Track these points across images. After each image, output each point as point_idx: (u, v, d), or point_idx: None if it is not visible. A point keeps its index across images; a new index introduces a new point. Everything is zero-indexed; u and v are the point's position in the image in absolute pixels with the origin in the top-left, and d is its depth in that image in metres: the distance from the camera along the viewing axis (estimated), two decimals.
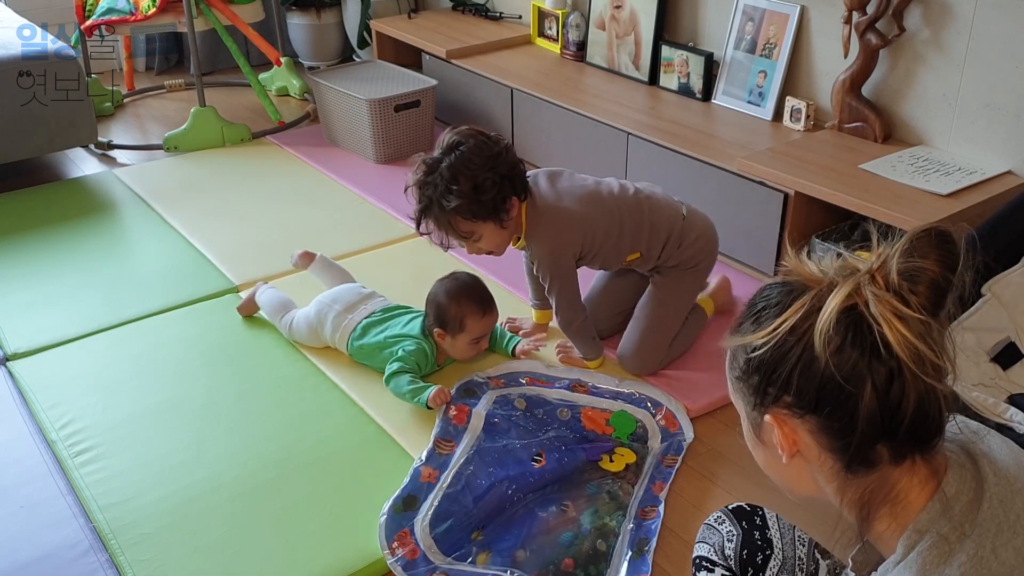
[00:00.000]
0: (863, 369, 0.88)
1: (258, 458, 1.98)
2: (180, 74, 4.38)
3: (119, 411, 2.12)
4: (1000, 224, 2.01)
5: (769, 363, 0.93)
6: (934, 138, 2.57)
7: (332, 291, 2.35)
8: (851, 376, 0.88)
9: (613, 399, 2.12)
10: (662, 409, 2.08)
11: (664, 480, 1.90)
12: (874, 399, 0.88)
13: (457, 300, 2.13)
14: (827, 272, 0.93)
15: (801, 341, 0.90)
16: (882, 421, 0.89)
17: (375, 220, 2.99)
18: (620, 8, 3.25)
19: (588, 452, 1.95)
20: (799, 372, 0.91)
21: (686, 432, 2.02)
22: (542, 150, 3.25)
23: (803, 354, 0.90)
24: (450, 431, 1.97)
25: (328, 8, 4.31)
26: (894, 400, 0.88)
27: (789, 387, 0.92)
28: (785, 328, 0.91)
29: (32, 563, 1.72)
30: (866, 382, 0.88)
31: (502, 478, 1.84)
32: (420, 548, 1.71)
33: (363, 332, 2.22)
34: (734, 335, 0.99)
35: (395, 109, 3.31)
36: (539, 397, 2.11)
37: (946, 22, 2.43)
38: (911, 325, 0.87)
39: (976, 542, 0.87)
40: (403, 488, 1.82)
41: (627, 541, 1.75)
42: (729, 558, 1.34)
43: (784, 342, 0.91)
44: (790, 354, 0.91)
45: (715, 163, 2.63)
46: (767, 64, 2.86)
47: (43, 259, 2.76)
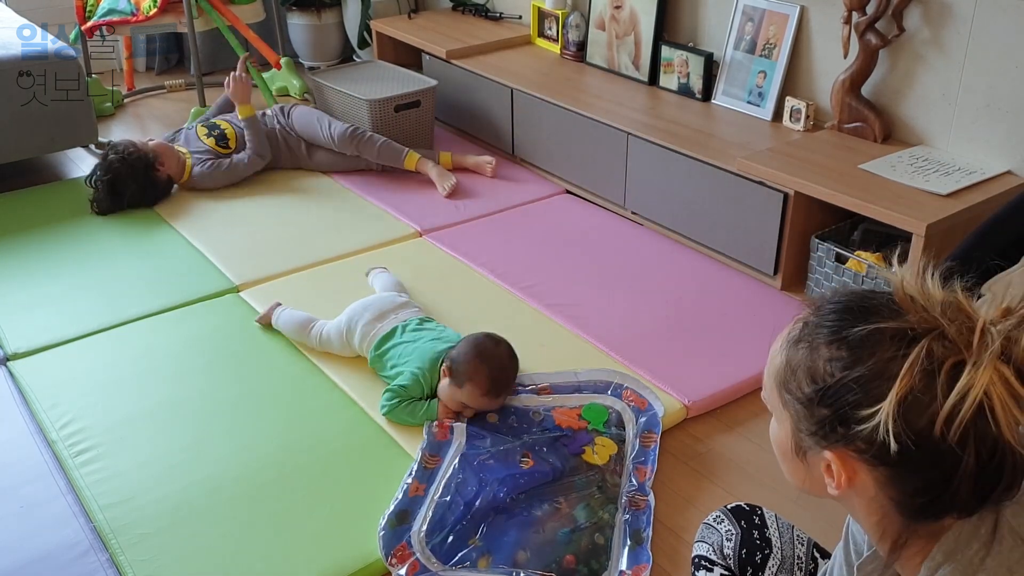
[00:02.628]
0: (968, 437, 0.82)
1: (258, 458, 1.98)
2: (180, 74, 4.38)
3: (119, 411, 2.12)
4: (1000, 224, 2.01)
5: (852, 405, 0.85)
6: (934, 138, 2.57)
7: (366, 299, 2.33)
8: (957, 443, 0.82)
9: (577, 392, 2.14)
10: (627, 391, 2.10)
11: (645, 464, 1.92)
12: (975, 468, 0.83)
13: (476, 363, 2.02)
14: (934, 307, 0.86)
15: (906, 401, 0.83)
16: (975, 489, 0.84)
17: (375, 220, 2.99)
18: (620, 8, 3.25)
19: (570, 446, 1.96)
20: (892, 429, 0.83)
21: (656, 407, 2.05)
22: (542, 150, 3.25)
23: (902, 412, 0.83)
24: (435, 446, 1.98)
25: (328, 8, 4.31)
26: (993, 469, 0.84)
27: (872, 438, 0.84)
28: (901, 398, 0.82)
29: (32, 563, 1.72)
30: (968, 451, 0.82)
31: (492, 481, 1.84)
32: (420, 561, 1.71)
33: (381, 344, 2.19)
34: (798, 346, 0.91)
35: (395, 109, 3.31)
36: (509, 406, 2.10)
37: (946, 22, 2.43)
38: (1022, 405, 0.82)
39: (997, 560, 0.87)
40: (396, 504, 1.82)
41: (622, 533, 1.76)
42: (728, 557, 1.34)
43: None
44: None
45: (715, 163, 2.63)
46: (767, 64, 2.86)
47: (43, 259, 2.76)
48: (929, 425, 0.83)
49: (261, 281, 2.64)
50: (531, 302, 2.53)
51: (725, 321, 2.44)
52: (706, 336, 2.37)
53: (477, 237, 2.87)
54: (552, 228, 2.94)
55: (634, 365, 2.24)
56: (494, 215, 3.03)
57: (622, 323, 2.43)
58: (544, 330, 2.40)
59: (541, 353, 2.28)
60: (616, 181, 2.97)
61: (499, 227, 2.95)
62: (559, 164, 3.21)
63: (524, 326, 2.39)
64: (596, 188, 3.08)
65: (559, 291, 2.58)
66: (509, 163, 3.38)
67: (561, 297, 2.55)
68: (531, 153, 3.31)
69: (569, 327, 2.42)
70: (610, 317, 2.46)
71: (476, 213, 3.03)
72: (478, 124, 3.52)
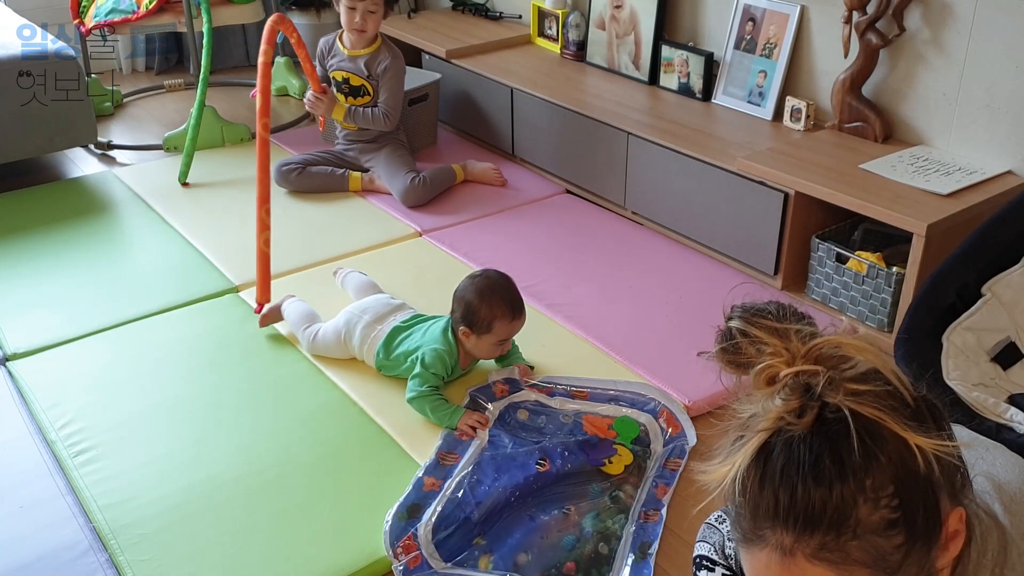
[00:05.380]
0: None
1: (258, 458, 1.98)
2: (180, 74, 4.37)
3: (119, 411, 2.12)
4: (1000, 224, 2.01)
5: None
6: (934, 138, 2.56)
7: (362, 302, 2.33)
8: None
9: (614, 403, 2.11)
10: (664, 412, 2.07)
11: (667, 483, 1.90)
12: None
13: (488, 301, 2.08)
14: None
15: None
16: None
17: (375, 220, 2.99)
18: (620, 8, 3.25)
19: (590, 457, 1.94)
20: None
21: (688, 435, 2.02)
22: (542, 150, 3.25)
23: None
24: (454, 446, 1.97)
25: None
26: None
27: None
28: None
29: (32, 563, 1.72)
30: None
31: (506, 483, 1.84)
32: (423, 555, 1.71)
33: (387, 342, 2.19)
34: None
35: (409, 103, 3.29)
36: (539, 404, 2.12)
37: (946, 22, 2.43)
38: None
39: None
40: (406, 497, 1.82)
41: (629, 544, 1.75)
42: (730, 557, 1.34)
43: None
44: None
45: (715, 163, 2.63)
46: (767, 64, 2.86)
47: (43, 259, 2.76)
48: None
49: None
50: (531, 302, 2.52)
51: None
52: (706, 336, 2.35)
53: (477, 237, 2.87)
54: (552, 228, 2.94)
55: (634, 365, 2.24)
56: (494, 215, 3.03)
57: (622, 323, 2.43)
58: (544, 330, 2.40)
59: (541, 353, 2.28)
60: (616, 181, 2.97)
61: (499, 227, 2.95)
62: (559, 164, 3.21)
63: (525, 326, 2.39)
64: (596, 188, 3.08)
65: (559, 291, 2.58)
66: (509, 163, 3.37)
67: (561, 297, 2.55)
68: (531, 153, 3.31)
69: (569, 327, 2.41)
70: (610, 317, 2.46)
71: (476, 213, 3.03)
72: (478, 124, 3.51)
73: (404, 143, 3.24)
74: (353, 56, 3.12)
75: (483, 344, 2.11)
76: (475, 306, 2.08)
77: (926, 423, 0.83)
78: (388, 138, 3.20)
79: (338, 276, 2.59)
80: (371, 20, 3.06)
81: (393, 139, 3.21)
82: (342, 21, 3.09)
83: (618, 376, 2.20)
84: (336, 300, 2.42)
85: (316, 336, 2.28)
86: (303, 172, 3.14)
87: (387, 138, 3.20)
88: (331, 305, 2.38)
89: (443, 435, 2.01)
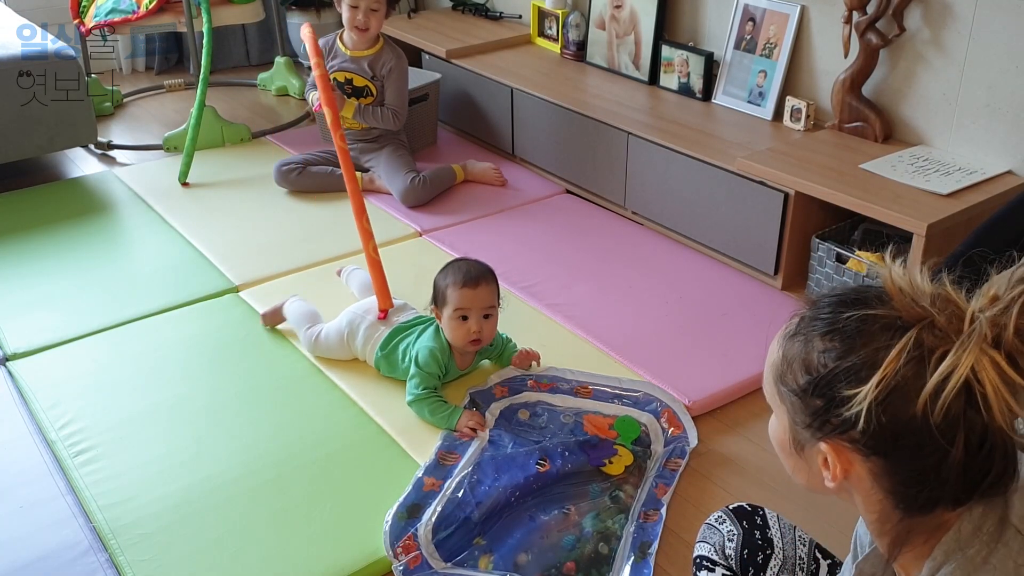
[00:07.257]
0: (957, 425, 0.82)
1: (258, 458, 1.98)
2: (180, 74, 4.38)
3: (119, 411, 2.12)
4: (1000, 224, 2.01)
5: (843, 394, 0.86)
6: (934, 138, 2.56)
7: (365, 302, 2.33)
8: (944, 431, 0.82)
9: (616, 402, 2.11)
10: (666, 412, 2.07)
11: (667, 483, 1.90)
12: (963, 456, 0.83)
13: (444, 272, 2.13)
14: (923, 298, 0.86)
15: (892, 387, 0.83)
16: (964, 478, 0.85)
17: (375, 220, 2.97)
18: (620, 8, 3.25)
19: (591, 458, 1.94)
20: (879, 415, 0.83)
21: (690, 436, 2.02)
22: (542, 150, 3.25)
23: (889, 398, 0.83)
24: (455, 446, 1.97)
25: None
26: (982, 458, 0.84)
27: (864, 427, 0.84)
28: (885, 383, 0.83)
29: (32, 563, 1.72)
30: (958, 439, 0.82)
31: (506, 483, 1.84)
32: (423, 555, 1.71)
33: (387, 342, 2.19)
34: (793, 339, 0.92)
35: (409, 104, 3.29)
36: (542, 403, 2.12)
37: (946, 22, 2.43)
38: (1019, 395, 0.81)
39: (1001, 556, 0.86)
40: (406, 497, 1.82)
41: (629, 544, 1.75)
42: (730, 558, 1.33)
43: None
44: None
45: (715, 163, 2.63)
46: (767, 64, 2.86)
47: (43, 259, 2.76)
48: (916, 411, 0.83)
49: (261, 281, 2.63)
50: (531, 302, 2.52)
51: (725, 321, 2.44)
52: (706, 336, 2.37)
53: (477, 237, 2.87)
54: (552, 228, 2.94)
55: (634, 365, 2.24)
56: (494, 215, 3.03)
57: (622, 323, 2.43)
58: (544, 330, 2.40)
59: (541, 353, 2.27)
60: (616, 181, 2.97)
61: (499, 227, 2.95)
62: (559, 164, 3.21)
63: (524, 326, 2.39)
64: (596, 188, 3.08)
65: (559, 291, 2.58)
66: (509, 163, 3.37)
67: (561, 297, 2.55)
68: (531, 153, 3.31)
69: (569, 327, 2.41)
70: (610, 317, 2.46)
71: (476, 213, 3.03)
72: (478, 124, 3.51)
73: (404, 143, 3.24)
74: (356, 57, 3.12)
75: (451, 325, 2.07)
76: (436, 282, 2.13)
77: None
78: (389, 138, 3.20)
79: (343, 274, 2.59)
80: (374, 19, 3.05)
81: (394, 139, 3.21)
82: (344, 20, 3.07)
83: (618, 376, 2.20)
84: (337, 300, 2.42)
85: (318, 337, 2.28)
86: (303, 172, 3.14)
87: (388, 138, 3.20)
88: (332, 305, 2.38)
89: (443, 435, 2.01)
